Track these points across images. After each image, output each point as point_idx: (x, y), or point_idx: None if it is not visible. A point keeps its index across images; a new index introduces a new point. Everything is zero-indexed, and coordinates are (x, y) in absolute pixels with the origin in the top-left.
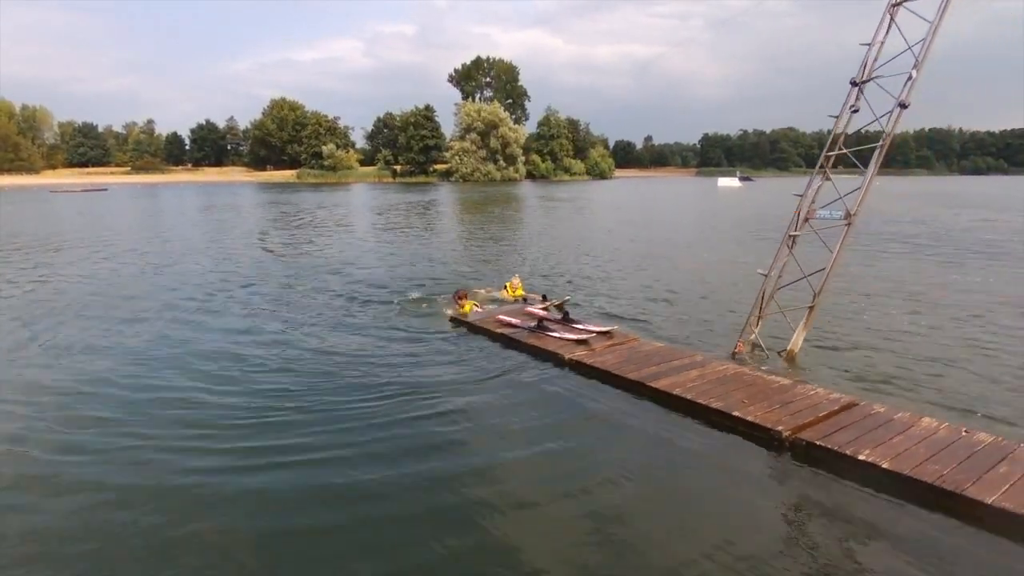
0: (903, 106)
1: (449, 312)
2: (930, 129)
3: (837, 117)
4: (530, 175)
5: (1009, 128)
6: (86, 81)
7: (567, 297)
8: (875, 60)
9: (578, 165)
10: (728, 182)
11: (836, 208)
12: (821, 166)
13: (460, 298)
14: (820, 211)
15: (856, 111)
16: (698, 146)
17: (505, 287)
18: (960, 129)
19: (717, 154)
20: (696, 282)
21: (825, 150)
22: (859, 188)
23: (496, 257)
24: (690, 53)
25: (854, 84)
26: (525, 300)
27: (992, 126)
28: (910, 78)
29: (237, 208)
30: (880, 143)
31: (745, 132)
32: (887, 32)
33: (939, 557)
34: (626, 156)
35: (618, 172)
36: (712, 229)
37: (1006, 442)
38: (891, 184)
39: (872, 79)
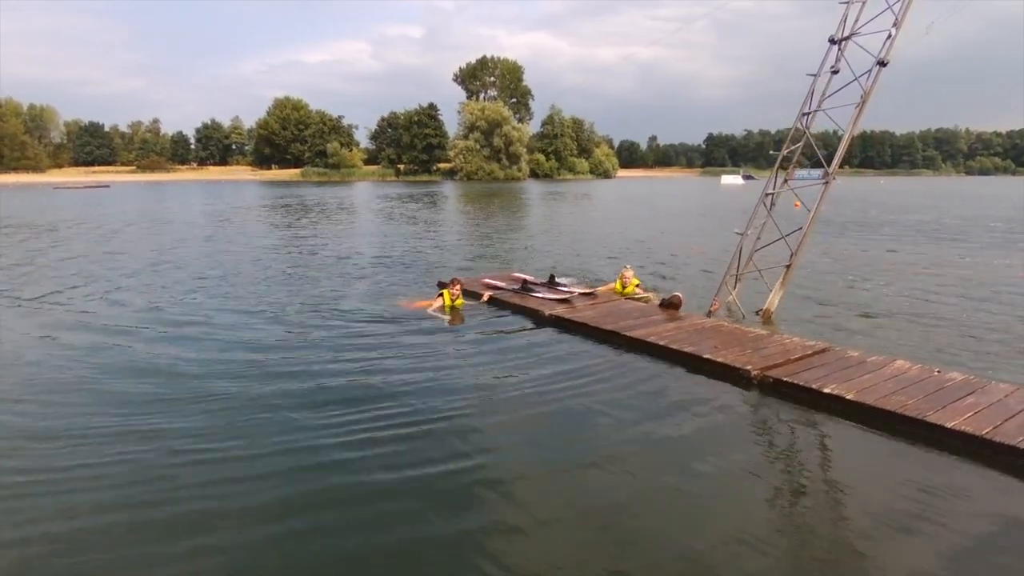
0: (882, 64)
1: (436, 305)
2: (936, 129)
3: (816, 76)
4: (533, 174)
5: (1017, 128)
6: (96, 83)
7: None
8: (856, 19)
9: (582, 164)
10: (731, 180)
11: (815, 168)
12: (798, 129)
13: (454, 284)
14: (799, 171)
15: (836, 72)
16: (703, 146)
17: (619, 277)
18: (967, 129)
19: (721, 154)
20: (690, 260)
21: (801, 108)
22: (837, 148)
23: (505, 242)
24: (694, 55)
25: (833, 42)
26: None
27: (999, 126)
28: (889, 36)
29: (241, 203)
30: (860, 100)
31: (750, 132)
32: None
33: (896, 475)
34: (631, 156)
35: (622, 172)
36: (711, 217)
37: (976, 379)
38: (893, 183)
39: (850, 37)
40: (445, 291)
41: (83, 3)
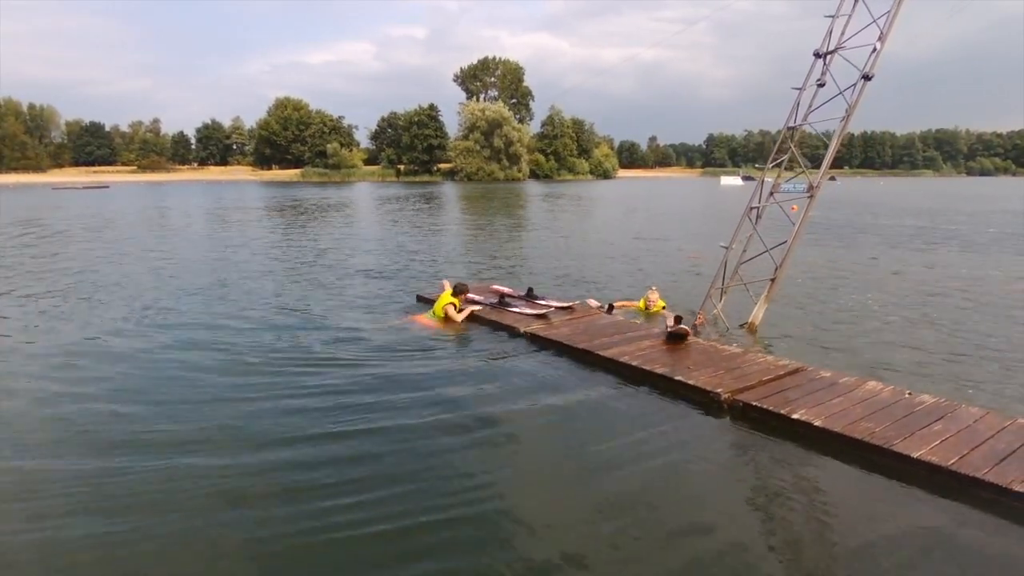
0: (867, 78)
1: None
2: (936, 130)
3: (801, 89)
4: (533, 175)
5: (1017, 129)
6: (98, 83)
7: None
8: (842, 33)
9: (582, 165)
10: (730, 181)
11: (800, 181)
12: (785, 139)
13: (459, 294)
14: (784, 184)
15: (822, 85)
16: (703, 146)
17: (644, 298)
18: (967, 130)
19: (722, 154)
20: (685, 268)
21: (787, 121)
22: (823, 159)
23: (500, 248)
24: (696, 55)
25: (818, 56)
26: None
27: (999, 127)
28: (875, 50)
29: (240, 204)
30: (844, 114)
31: (750, 132)
32: (855, 5)
33: (858, 507)
34: (631, 156)
35: (622, 172)
36: (709, 219)
37: (947, 402)
38: (892, 184)
39: (836, 51)
40: (456, 299)
41: (85, 3)
